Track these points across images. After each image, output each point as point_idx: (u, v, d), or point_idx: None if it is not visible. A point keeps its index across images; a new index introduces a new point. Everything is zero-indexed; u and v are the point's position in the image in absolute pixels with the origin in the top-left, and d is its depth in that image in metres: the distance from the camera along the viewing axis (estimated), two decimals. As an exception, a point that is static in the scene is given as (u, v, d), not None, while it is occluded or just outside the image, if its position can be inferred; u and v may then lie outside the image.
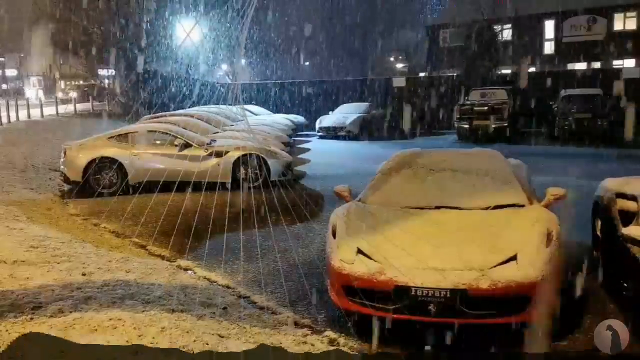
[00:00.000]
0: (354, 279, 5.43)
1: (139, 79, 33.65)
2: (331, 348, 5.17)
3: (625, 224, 6.35)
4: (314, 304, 6.21)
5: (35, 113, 27.52)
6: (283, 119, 25.63)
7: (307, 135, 27.18)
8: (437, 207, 6.46)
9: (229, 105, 23.30)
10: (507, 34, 41.28)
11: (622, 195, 6.77)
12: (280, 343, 5.05)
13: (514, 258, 5.31)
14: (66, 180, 13.54)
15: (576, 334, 5.45)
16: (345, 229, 6.07)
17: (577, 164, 15.17)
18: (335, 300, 5.71)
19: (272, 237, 8.04)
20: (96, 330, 4.80)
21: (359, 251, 5.64)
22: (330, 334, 5.46)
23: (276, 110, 30.41)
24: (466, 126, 23.70)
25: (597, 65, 37.68)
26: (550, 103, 24.79)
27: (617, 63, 37.22)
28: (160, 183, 8.80)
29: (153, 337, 4.74)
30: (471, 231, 5.81)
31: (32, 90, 51.48)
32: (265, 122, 22.34)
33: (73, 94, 38.80)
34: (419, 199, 6.67)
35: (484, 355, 5.24)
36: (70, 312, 5.16)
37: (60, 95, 43.61)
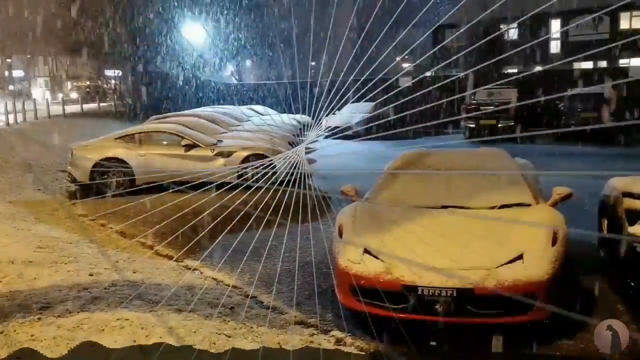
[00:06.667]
0: (361, 279, 5.43)
1: (146, 79, 33.70)
2: (337, 348, 5.18)
3: (632, 223, 6.34)
4: (320, 304, 6.22)
5: (42, 114, 27.58)
6: (289, 119, 25.59)
7: (312, 135, 27.08)
8: (444, 207, 6.45)
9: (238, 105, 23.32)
10: (513, 33, 41.14)
11: (628, 195, 6.76)
12: (287, 343, 5.06)
13: (520, 257, 5.31)
14: (73, 180, 13.58)
15: (583, 333, 5.44)
16: (352, 228, 6.08)
17: (583, 163, 15.12)
18: (342, 300, 5.72)
19: (278, 237, 8.04)
20: (103, 330, 4.82)
21: (366, 251, 5.65)
22: (336, 333, 5.46)
23: (282, 110, 30.36)
24: (473, 125, 23.63)
25: (603, 64, 37.53)
26: (557, 102, 24.68)
27: (623, 62, 37.07)
28: (167, 184, 8.81)
29: (160, 337, 4.75)
30: (477, 231, 5.81)
31: (39, 91, 51.61)
32: (271, 122, 22.30)
33: (80, 95, 38.94)
34: (425, 199, 6.66)
35: (490, 354, 5.24)
36: (78, 312, 5.18)
37: (66, 96, 43.73)
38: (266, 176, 6.77)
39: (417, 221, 6.14)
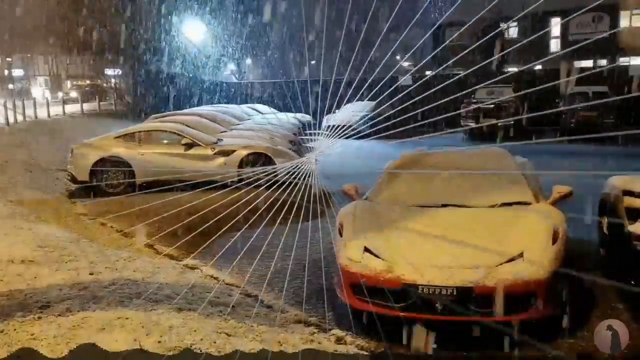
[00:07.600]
0: (362, 277, 5.44)
1: (146, 78, 33.67)
2: (338, 346, 5.17)
3: (632, 221, 6.34)
4: (321, 303, 6.22)
5: (42, 113, 27.52)
6: (290, 118, 25.59)
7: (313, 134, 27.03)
8: (444, 205, 6.46)
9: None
10: (513, 31, 41.11)
11: (628, 193, 6.77)
12: (287, 341, 5.05)
13: (520, 256, 5.31)
14: (73, 180, 13.57)
15: (583, 332, 5.44)
16: (353, 227, 6.08)
17: (583, 162, 15.12)
18: (343, 299, 5.72)
19: (278, 236, 8.05)
20: (104, 329, 4.81)
21: (366, 249, 5.65)
22: (337, 332, 5.46)
23: (282, 108, 30.32)
24: (473, 124, 23.64)
25: (603, 62, 37.50)
26: (557, 101, 24.67)
27: (623, 60, 37.02)
28: (167, 182, 8.82)
29: (160, 336, 4.74)
30: (478, 229, 5.81)
31: (39, 90, 51.55)
32: (272, 120, 22.29)
33: (79, 94, 38.86)
34: (425, 198, 6.67)
35: (490, 354, 5.24)
36: (78, 311, 5.17)
37: (66, 95, 43.67)
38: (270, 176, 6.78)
39: (418, 220, 6.14)
